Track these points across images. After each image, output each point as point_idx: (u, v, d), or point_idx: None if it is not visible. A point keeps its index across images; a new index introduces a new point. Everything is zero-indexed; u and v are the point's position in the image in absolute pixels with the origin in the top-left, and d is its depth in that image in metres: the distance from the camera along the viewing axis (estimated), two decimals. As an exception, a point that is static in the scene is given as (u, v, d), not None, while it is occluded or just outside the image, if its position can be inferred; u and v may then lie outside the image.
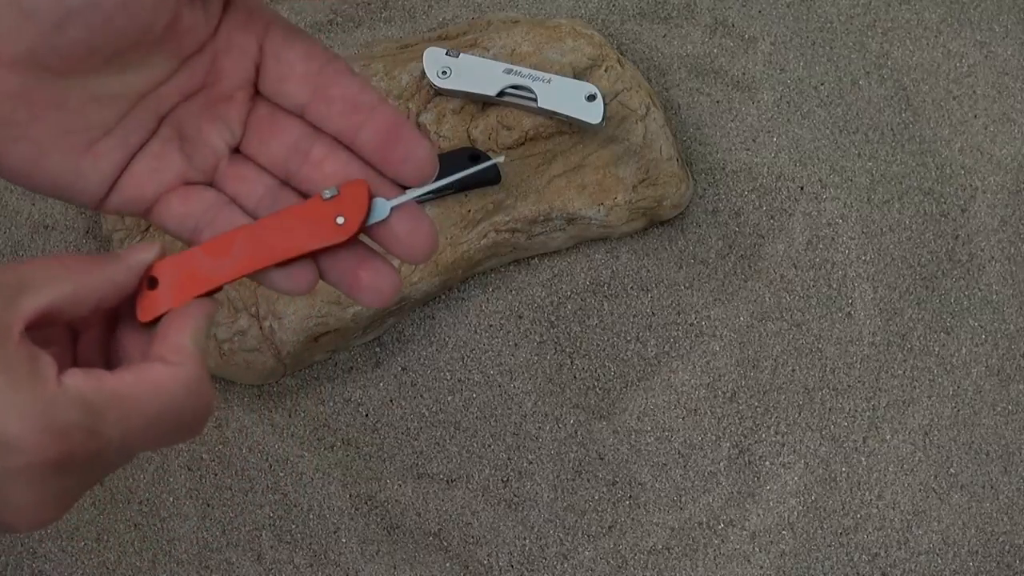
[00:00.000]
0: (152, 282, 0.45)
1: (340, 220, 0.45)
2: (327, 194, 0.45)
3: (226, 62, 0.46)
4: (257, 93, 0.48)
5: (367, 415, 0.77)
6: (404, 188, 0.47)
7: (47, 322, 0.43)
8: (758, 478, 0.76)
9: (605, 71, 0.79)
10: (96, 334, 0.47)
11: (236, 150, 0.48)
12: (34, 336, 0.42)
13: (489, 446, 0.77)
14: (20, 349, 0.41)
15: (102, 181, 0.46)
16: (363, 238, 0.46)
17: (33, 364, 0.41)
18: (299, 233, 0.45)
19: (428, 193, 0.78)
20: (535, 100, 0.77)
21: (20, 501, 0.41)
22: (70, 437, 0.41)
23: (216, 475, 0.76)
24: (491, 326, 0.78)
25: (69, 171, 0.46)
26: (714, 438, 0.77)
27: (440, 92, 0.78)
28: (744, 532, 0.75)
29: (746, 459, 0.76)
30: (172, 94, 0.47)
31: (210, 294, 0.46)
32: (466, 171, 0.49)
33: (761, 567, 0.74)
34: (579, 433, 0.77)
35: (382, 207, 0.46)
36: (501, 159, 0.49)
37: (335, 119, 0.46)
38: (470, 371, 0.78)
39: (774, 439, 0.77)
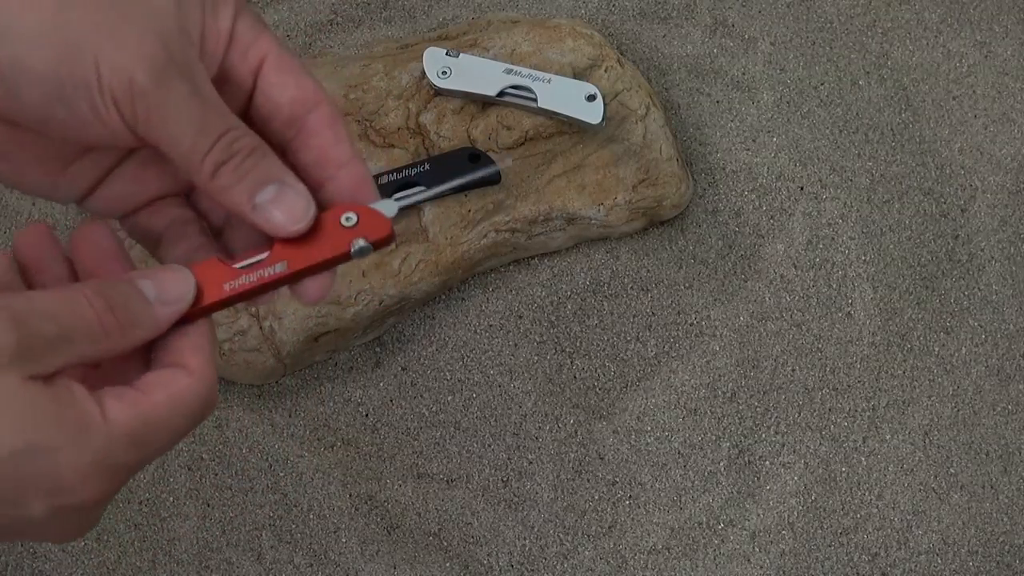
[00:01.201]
0: None
1: (361, 242, 0.46)
2: (346, 223, 0.46)
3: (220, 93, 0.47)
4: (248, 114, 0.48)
5: (367, 415, 0.77)
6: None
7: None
8: (758, 478, 0.76)
9: (605, 71, 0.79)
10: None
11: None
12: None
13: (489, 446, 0.76)
14: (61, 394, 0.41)
15: (77, 194, 0.48)
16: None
17: (77, 408, 0.41)
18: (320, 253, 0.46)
19: (429, 195, 0.78)
20: (535, 100, 0.77)
21: (63, 530, 0.43)
22: (120, 475, 0.42)
23: (216, 475, 0.76)
24: (491, 326, 0.78)
25: (45, 185, 0.47)
26: (714, 438, 0.77)
27: (440, 92, 0.78)
28: (744, 532, 0.75)
29: (746, 459, 0.76)
30: None
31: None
32: (464, 178, 0.50)
33: (761, 567, 0.74)
34: (579, 433, 0.77)
35: (390, 207, 0.47)
36: (509, 162, 0.50)
37: (308, 168, 0.47)
38: (470, 371, 0.78)
39: (774, 439, 0.77)
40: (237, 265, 0.46)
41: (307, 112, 0.46)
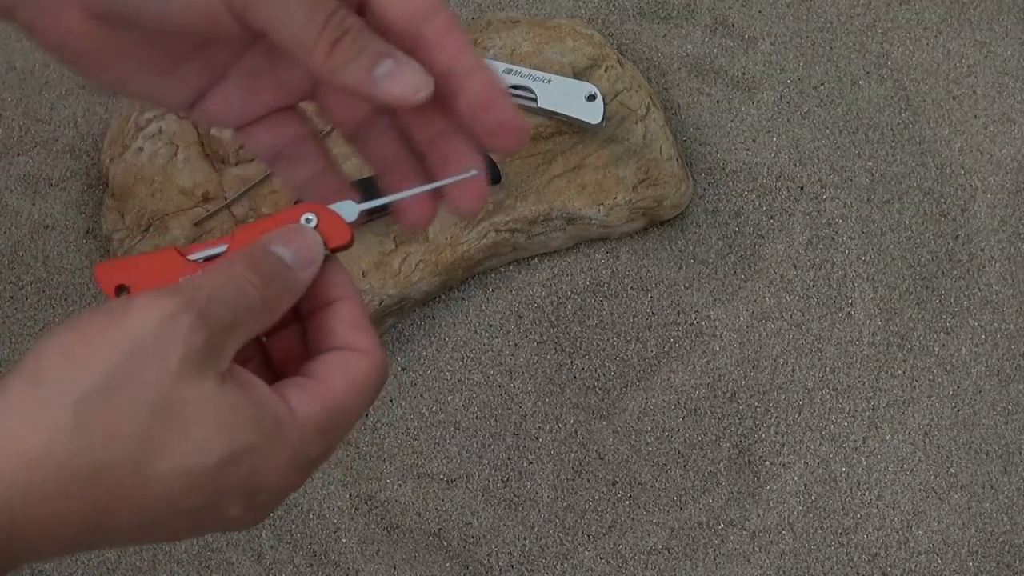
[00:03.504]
0: (122, 291, 0.45)
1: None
2: (307, 225, 0.46)
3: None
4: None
5: (367, 415, 0.77)
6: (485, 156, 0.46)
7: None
8: (758, 478, 0.76)
9: (605, 71, 0.79)
10: None
11: None
12: None
13: (489, 446, 0.76)
14: (253, 394, 0.41)
15: (185, 99, 0.47)
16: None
17: (271, 408, 0.41)
18: None
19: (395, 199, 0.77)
20: (535, 100, 0.77)
21: (251, 521, 0.43)
22: (311, 467, 0.43)
23: (216, 475, 0.76)
24: (491, 326, 0.78)
25: (153, 90, 0.46)
26: (714, 438, 0.77)
27: (440, 92, 0.78)
28: (744, 532, 0.75)
29: (746, 459, 0.76)
30: None
31: None
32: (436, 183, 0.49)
33: (761, 567, 0.74)
34: (579, 433, 0.77)
35: (351, 210, 0.46)
36: (473, 173, 0.48)
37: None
38: (470, 371, 0.78)
39: (774, 439, 0.77)
40: (191, 256, 0.45)
41: (422, 24, 0.44)
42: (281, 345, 0.46)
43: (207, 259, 0.45)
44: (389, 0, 0.44)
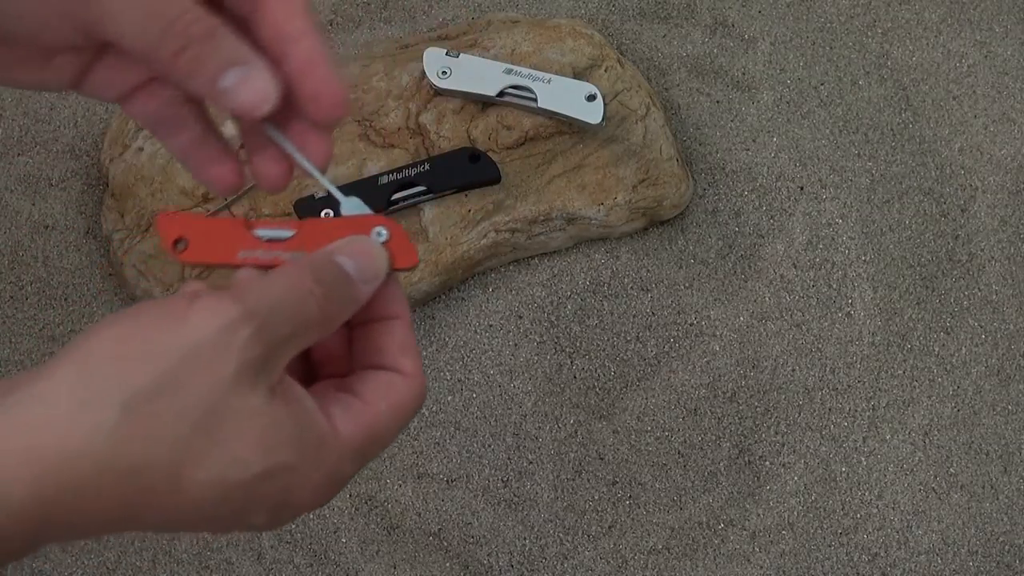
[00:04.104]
0: (179, 243, 0.45)
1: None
2: (377, 239, 0.45)
3: None
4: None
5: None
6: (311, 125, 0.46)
7: None
8: (758, 478, 0.76)
9: (605, 71, 0.79)
10: None
11: None
12: None
13: (489, 446, 0.76)
14: (299, 411, 0.41)
15: (65, 84, 0.47)
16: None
17: (314, 426, 0.41)
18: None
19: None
20: (535, 100, 0.77)
21: (271, 527, 0.43)
22: (341, 485, 0.43)
23: (216, 475, 0.76)
24: (491, 326, 0.78)
25: (33, 81, 0.46)
26: (714, 438, 0.77)
27: (440, 92, 0.78)
28: (744, 532, 0.75)
29: (746, 459, 0.76)
30: None
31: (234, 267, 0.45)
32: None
33: (761, 567, 0.74)
34: (579, 433, 0.77)
35: (355, 206, 0.46)
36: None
37: (267, 44, 0.46)
38: (470, 371, 0.78)
39: (774, 439, 0.77)
40: (257, 232, 0.45)
41: None
42: (324, 344, 0.46)
43: (271, 240, 0.45)
44: None
